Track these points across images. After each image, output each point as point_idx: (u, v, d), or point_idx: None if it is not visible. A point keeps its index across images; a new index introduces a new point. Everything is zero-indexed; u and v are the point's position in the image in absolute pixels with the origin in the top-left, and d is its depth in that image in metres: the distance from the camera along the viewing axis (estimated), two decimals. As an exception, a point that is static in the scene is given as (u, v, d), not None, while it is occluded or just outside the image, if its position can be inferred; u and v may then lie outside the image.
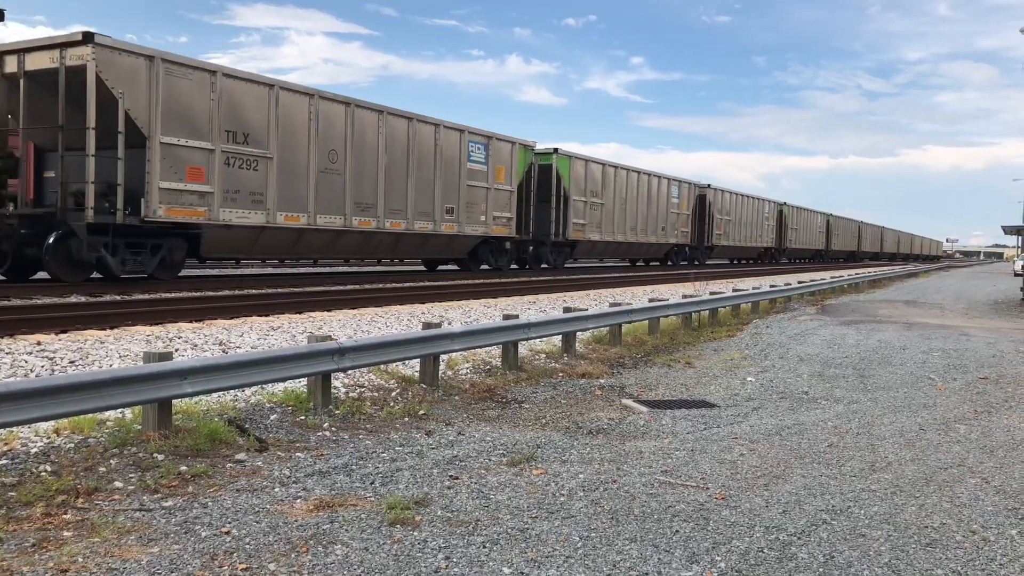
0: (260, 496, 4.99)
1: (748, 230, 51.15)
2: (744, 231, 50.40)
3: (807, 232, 64.57)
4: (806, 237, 64.23)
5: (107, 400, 5.33)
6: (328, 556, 4.12)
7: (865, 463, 6.24)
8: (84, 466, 5.24)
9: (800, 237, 62.50)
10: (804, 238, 63.74)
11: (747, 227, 50.89)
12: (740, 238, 49.84)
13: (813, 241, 66.46)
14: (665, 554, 4.30)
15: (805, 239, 63.97)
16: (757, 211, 52.66)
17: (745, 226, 50.51)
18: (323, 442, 6.29)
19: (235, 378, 6.22)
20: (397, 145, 22.47)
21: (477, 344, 9.10)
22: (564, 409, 7.93)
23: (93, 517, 4.50)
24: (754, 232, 52.31)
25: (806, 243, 64.39)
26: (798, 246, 62.26)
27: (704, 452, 6.38)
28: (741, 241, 50.09)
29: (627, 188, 36.15)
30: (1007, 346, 13.58)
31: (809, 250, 66.18)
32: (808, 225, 64.91)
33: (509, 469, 5.75)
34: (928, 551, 4.49)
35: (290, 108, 19.12)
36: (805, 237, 63.96)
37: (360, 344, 7.36)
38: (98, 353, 8.57)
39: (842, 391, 9.29)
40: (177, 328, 10.79)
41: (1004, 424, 7.78)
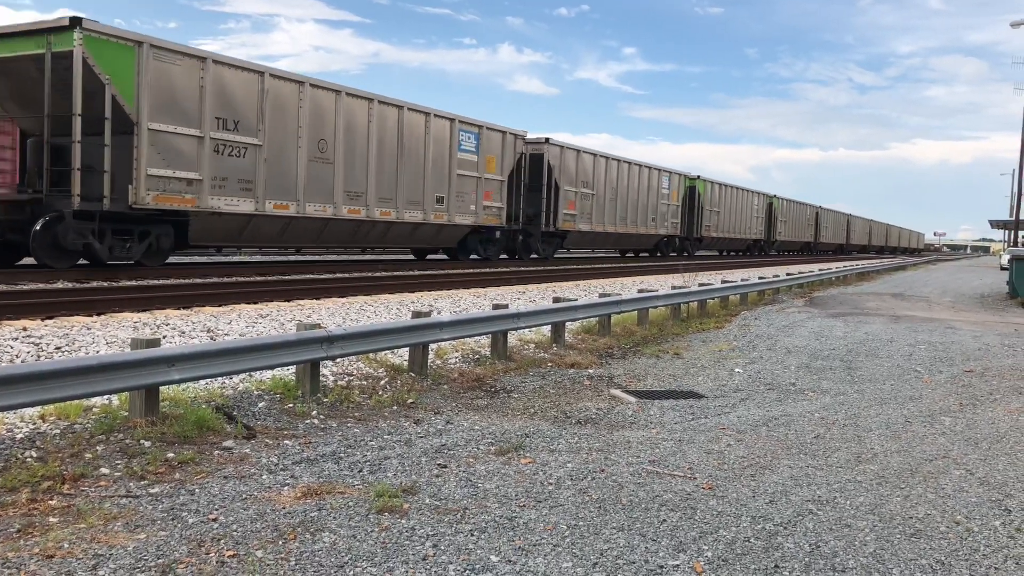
0: (248, 483, 4.97)
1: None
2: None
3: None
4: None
5: (94, 386, 5.30)
6: (315, 543, 4.12)
7: (851, 454, 6.28)
8: (70, 452, 5.21)
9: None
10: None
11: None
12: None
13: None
14: (652, 543, 4.32)
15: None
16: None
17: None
18: (311, 430, 6.28)
19: (223, 365, 6.19)
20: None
21: (466, 333, 9.10)
22: (553, 399, 7.94)
23: (79, 503, 4.48)
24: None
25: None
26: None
27: (692, 442, 6.41)
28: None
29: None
30: (993, 339, 13.68)
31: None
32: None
33: (497, 458, 5.76)
34: (912, 541, 4.53)
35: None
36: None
37: (349, 332, 7.34)
38: (85, 339, 8.52)
39: (829, 383, 9.34)
40: (165, 315, 10.74)
41: (989, 417, 7.84)
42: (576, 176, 32.51)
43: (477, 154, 26.44)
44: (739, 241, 52.71)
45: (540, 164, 30.31)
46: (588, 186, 33.47)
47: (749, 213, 53.01)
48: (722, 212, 47.98)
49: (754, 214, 54.07)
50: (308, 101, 19.67)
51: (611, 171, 35.58)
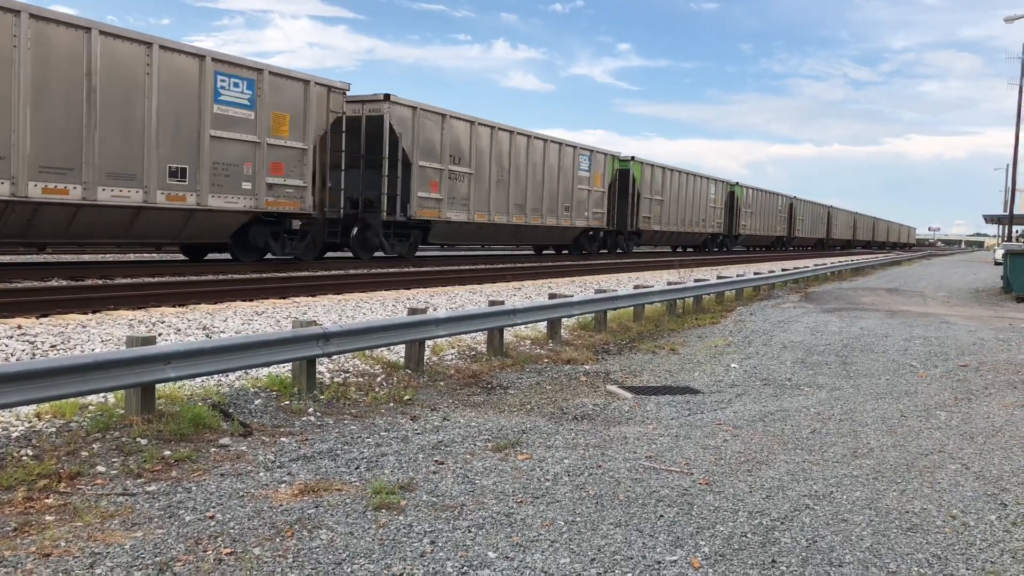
0: (244, 481, 4.97)
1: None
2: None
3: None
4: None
5: (89, 384, 5.29)
6: (313, 540, 4.11)
7: (847, 449, 6.30)
8: (66, 450, 5.20)
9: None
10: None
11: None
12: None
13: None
14: (649, 538, 4.33)
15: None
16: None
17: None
18: (308, 427, 6.27)
19: (219, 363, 6.18)
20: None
21: (462, 330, 9.09)
22: (549, 395, 7.95)
23: (75, 501, 4.47)
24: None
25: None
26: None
27: (688, 438, 6.42)
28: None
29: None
30: (987, 334, 13.72)
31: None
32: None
33: (494, 454, 5.76)
34: (909, 536, 4.54)
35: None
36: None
37: (345, 329, 7.33)
38: (80, 337, 8.50)
39: (825, 378, 9.36)
40: (160, 312, 10.71)
41: (984, 411, 7.87)
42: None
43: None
44: (691, 236, 45.80)
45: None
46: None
47: (704, 203, 46.23)
48: (667, 201, 41.26)
49: (711, 204, 47.08)
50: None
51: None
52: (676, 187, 42.06)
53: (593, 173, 34.26)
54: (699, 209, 45.22)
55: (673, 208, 41.84)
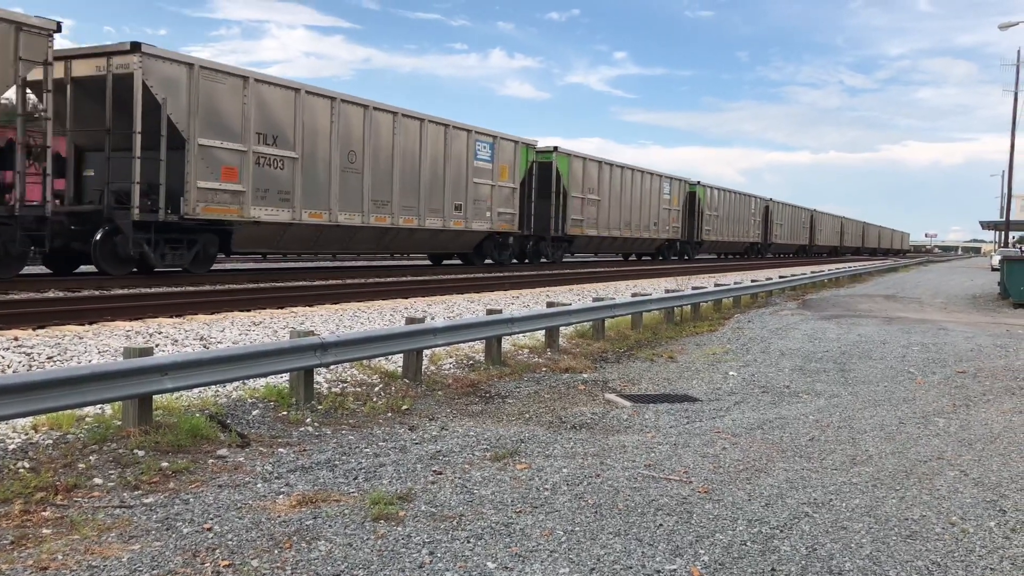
0: (242, 492, 4.95)
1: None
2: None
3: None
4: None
5: (86, 396, 5.27)
6: (311, 552, 4.10)
7: (846, 456, 6.29)
8: (63, 463, 5.18)
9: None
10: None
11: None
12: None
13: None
14: (649, 548, 4.32)
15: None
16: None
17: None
18: (306, 437, 6.25)
19: (216, 373, 6.17)
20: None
21: (460, 339, 9.09)
22: (547, 404, 7.94)
23: (72, 514, 4.45)
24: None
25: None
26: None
27: (687, 446, 6.41)
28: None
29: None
30: (985, 340, 13.73)
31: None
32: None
33: (493, 464, 5.75)
34: (908, 543, 4.53)
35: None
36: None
37: (343, 339, 7.32)
38: (77, 349, 8.48)
39: (823, 385, 9.36)
40: (157, 323, 10.70)
41: (982, 417, 7.87)
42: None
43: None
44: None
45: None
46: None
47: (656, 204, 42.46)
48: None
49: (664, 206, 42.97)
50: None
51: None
52: (618, 185, 36.17)
53: (497, 165, 27.40)
54: (649, 211, 39.56)
55: (615, 210, 35.91)
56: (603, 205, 34.73)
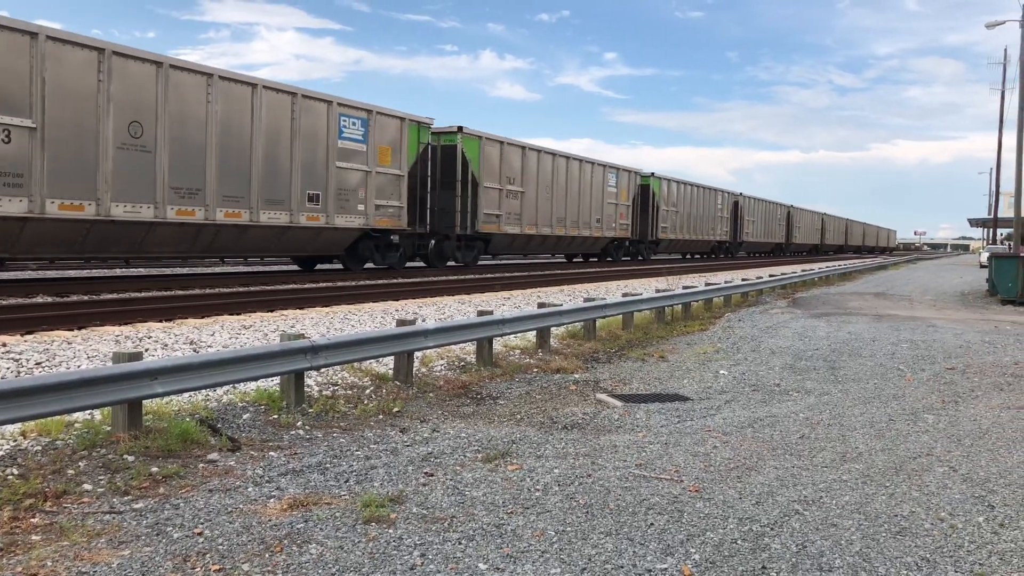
0: (233, 496, 4.94)
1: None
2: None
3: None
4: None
5: (75, 402, 5.24)
6: (303, 555, 4.09)
7: (836, 454, 6.32)
8: (52, 469, 5.16)
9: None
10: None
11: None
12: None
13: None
14: (640, 547, 4.33)
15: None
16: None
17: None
18: (297, 441, 6.24)
19: (206, 377, 6.15)
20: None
21: (451, 341, 9.08)
22: (539, 404, 7.94)
23: (62, 520, 4.43)
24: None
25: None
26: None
27: (678, 445, 6.42)
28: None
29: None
30: (973, 337, 13.81)
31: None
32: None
33: (484, 465, 5.75)
34: (898, 539, 4.56)
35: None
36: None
37: (333, 342, 7.31)
38: (65, 354, 8.44)
39: (813, 383, 9.40)
40: (147, 328, 10.66)
41: (971, 413, 7.91)
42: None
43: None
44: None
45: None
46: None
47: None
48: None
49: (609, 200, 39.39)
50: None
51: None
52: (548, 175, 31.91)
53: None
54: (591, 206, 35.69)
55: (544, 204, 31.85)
56: (528, 198, 30.01)
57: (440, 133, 26.14)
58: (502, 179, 28.42)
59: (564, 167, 32.93)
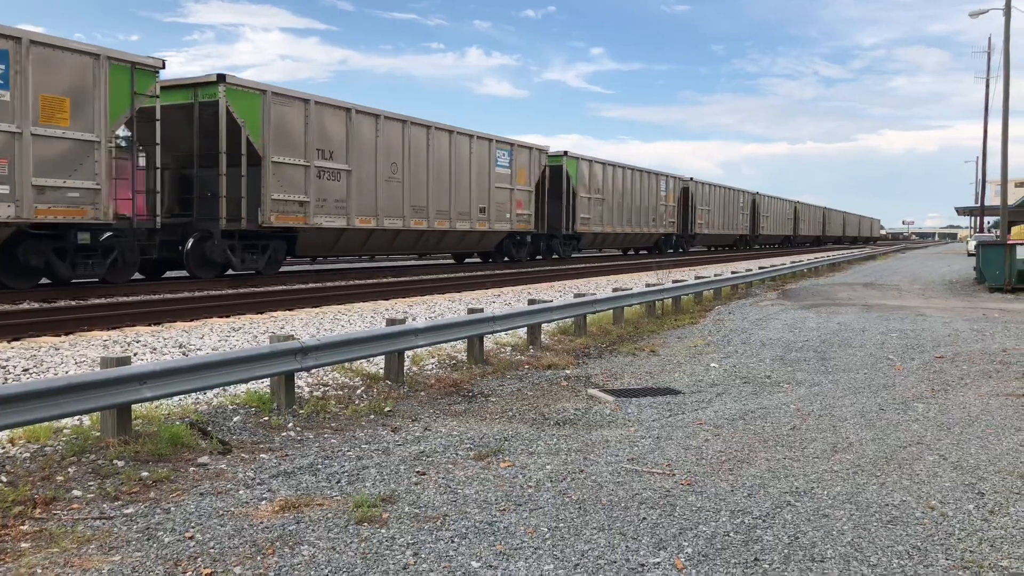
0: (224, 499, 4.92)
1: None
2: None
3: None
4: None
5: (63, 408, 5.21)
6: (295, 557, 4.08)
7: (827, 444, 6.34)
8: (41, 475, 5.12)
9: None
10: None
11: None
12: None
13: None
14: (633, 541, 4.33)
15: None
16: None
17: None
18: (288, 442, 6.22)
19: (196, 381, 6.12)
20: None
21: (442, 339, 9.07)
22: (530, 401, 7.94)
23: (51, 527, 4.40)
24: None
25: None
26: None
27: (670, 439, 6.43)
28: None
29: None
30: (962, 325, 13.89)
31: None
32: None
33: (476, 463, 5.74)
34: (889, 528, 4.57)
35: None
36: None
37: (323, 343, 7.29)
38: (53, 360, 8.39)
39: (804, 374, 9.43)
40: (135, 332, 10.60)
41: (960, 402, 7.95)
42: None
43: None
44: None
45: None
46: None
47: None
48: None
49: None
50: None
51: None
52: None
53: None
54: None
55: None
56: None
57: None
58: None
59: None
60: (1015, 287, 21.27)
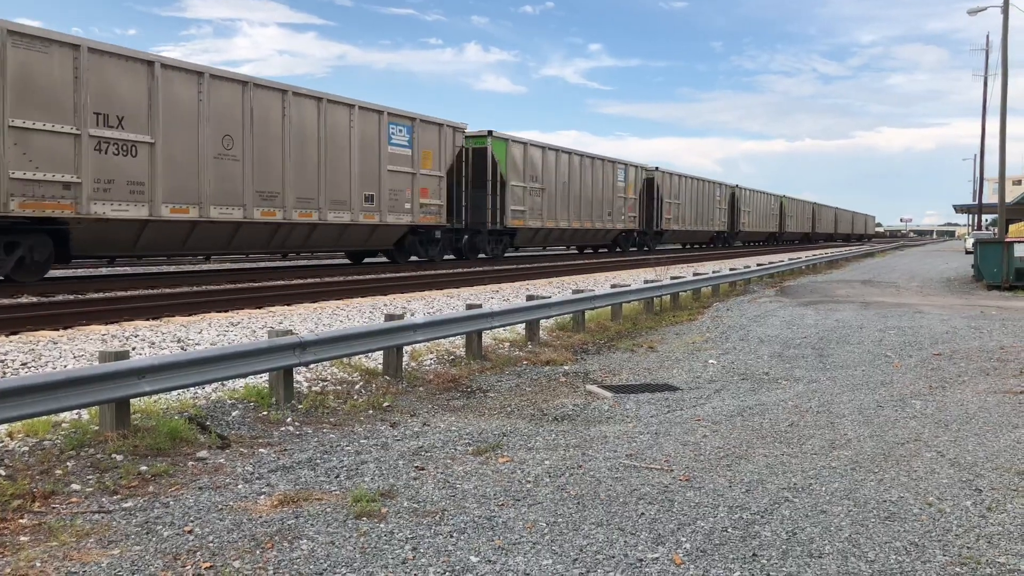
0: (223, 494, 4.92)
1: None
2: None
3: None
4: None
5: (62, 402, 5.21)
6: (294, 551, 4.08)
7: (825, 441, 6.35)
8: (40, 469, 5.12)
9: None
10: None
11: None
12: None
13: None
14: (631, 537, 4.34)
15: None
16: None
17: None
18: (286, 437, 6.22)
19: (194, 375, 6.12)
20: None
21: (440, 335, 9.07)
22: (529, 397, 7.95)
23: (50, 521, 4.40)
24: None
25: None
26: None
27: (668, 435, 6.44)
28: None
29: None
30: (960, 322, 13.90)
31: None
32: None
33: (475, 458, 5.75)
34: (887, 524, 4.59)
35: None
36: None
37: (322, 338, 7.29)
38: (51, 354, 8.38)
39: (802, 371, 9.44)
40: (134, 326, 10.59)
41: (957, 398, 7.97)
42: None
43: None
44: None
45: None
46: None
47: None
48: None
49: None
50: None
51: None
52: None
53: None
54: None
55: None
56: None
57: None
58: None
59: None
60: (1013, 284, 21.29)
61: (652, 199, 41.97)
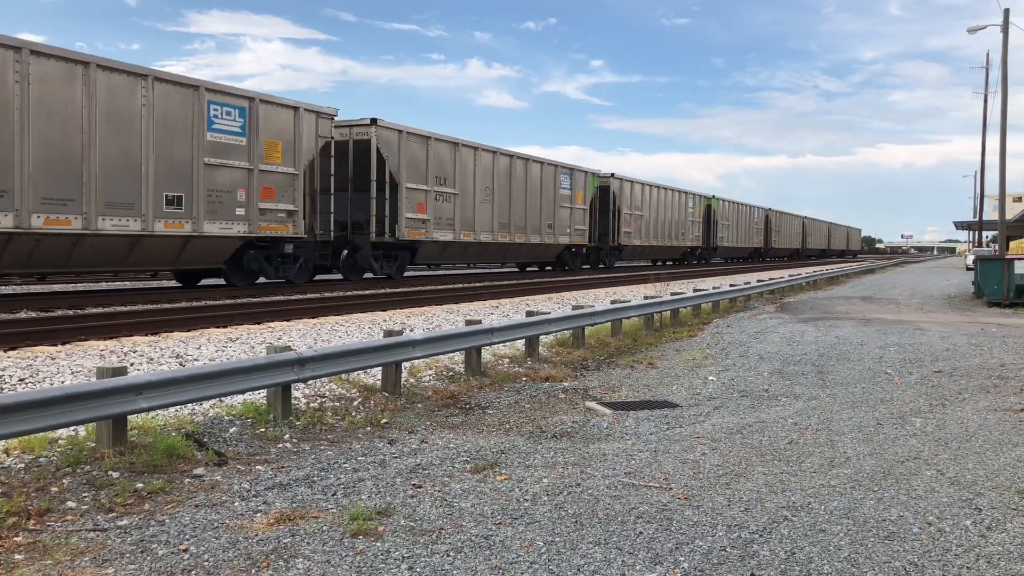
0: (219, 511, 4.90)
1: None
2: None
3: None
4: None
5: (59, 418, 5.19)
6: (289, 570, 4.06)
7: (825, 459, 6.33)
8: (35, 487, 5.10)
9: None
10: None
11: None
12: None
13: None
14: (629, 556, 4.31)
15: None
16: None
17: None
18: (284, 454, 6.20)
19: (192, 391, 6.10)
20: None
21: (439, 351, 9.05)
22: (528, 413, 7.92)
23: (45, 539, 4.38)
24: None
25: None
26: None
27: (667, 452, 6.42)
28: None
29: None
30: (960, 339, 13.88)
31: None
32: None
33: (473, 476, 5.72)
34: (886, 544, 4.56)
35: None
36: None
37: (320, 354, 7.28)
38: (49, 370, 8.37)
39: (802, 388, 9.41)
40: (132, 342, 10.58)
41: (958, 416, 7.94)
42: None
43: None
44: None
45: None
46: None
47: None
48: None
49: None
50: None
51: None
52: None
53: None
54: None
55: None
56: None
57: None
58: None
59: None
60: (1013, 302, 21.27)
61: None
